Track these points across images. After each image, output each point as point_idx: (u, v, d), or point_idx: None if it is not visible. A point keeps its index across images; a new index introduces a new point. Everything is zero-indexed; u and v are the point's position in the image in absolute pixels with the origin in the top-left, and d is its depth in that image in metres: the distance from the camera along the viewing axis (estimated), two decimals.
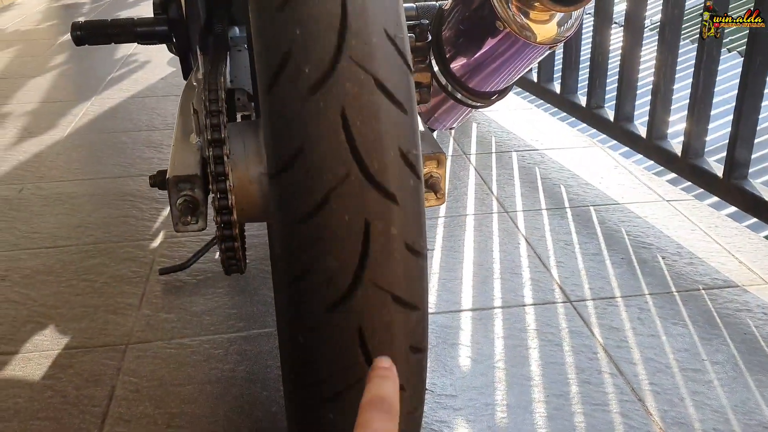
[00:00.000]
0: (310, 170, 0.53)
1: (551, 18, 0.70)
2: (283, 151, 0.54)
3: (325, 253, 0.54)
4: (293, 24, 0.53)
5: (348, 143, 0.53)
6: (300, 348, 0.58)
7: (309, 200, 0.54)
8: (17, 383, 1.09)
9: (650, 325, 1.20)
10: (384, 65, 0.54)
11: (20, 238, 1.52)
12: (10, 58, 3.08)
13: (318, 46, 0.53)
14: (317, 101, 0.53)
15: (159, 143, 2.04)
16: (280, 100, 0.54)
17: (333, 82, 0.53)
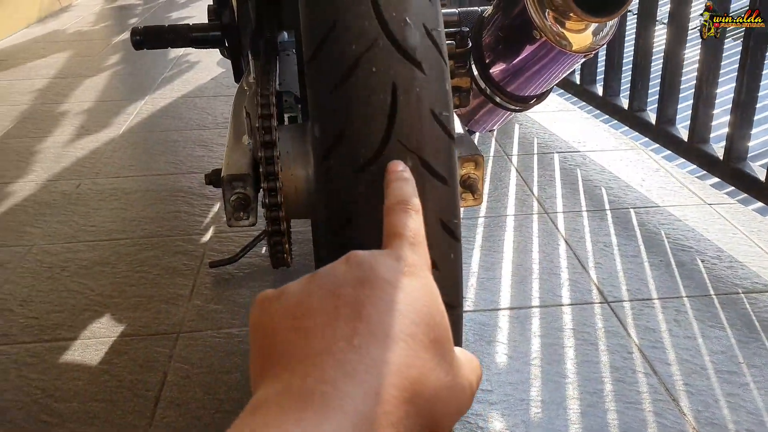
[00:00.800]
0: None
1: (586, 27, 0.73)
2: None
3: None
4: None
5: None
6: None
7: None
8: (76, 367, 1.15)
9: (687, 327, 1.21)
10: None
11: (78, 231, 1.60)
12: (67, 58, 3.21)
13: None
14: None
15: (209, 142, 2.11)
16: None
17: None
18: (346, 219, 0.55)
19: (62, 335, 1.23)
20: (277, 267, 0.80)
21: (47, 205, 1.73)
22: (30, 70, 3.01)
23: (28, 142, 2.16)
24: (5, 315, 1.29)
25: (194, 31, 1.18)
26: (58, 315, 1.29)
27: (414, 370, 0.35)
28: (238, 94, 1.03)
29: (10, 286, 1.38)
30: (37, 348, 1.20)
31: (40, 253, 1.50)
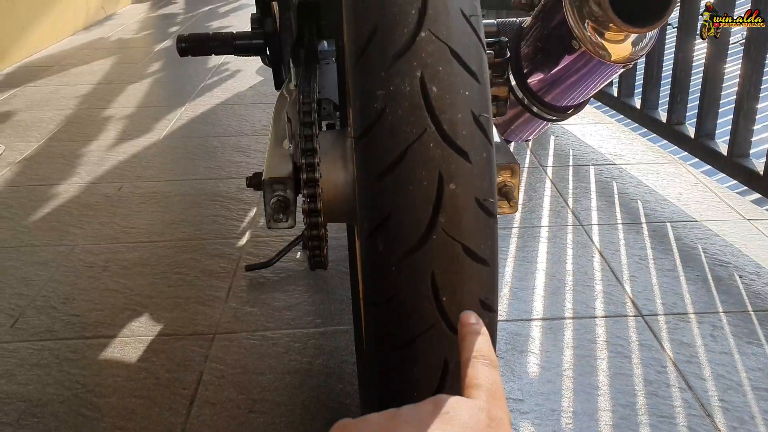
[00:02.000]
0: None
1: (626, 38, 0.73)
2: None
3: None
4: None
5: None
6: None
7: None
8: (115, 364, 1.18)
9: (723, 343, 1.20)
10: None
11: (119, 233, 1.64)
12: (111, 65, 3.29)
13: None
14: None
15: (247, 148, 2.15)
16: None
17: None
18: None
19: (102, 333, 1.26)
20: (315, 269, 0.82)
21: (90, 207, 1.78)
22: (75, 76, 3.10)
23: (72, 146, 2.22)
24: (48, 312, 1.33)
25: (237, 39, 1.21)
26: (98, 313, 1.32)
27: None
28: (278, 100, 1.05)
29: (54, 284, 1.42)
30: (78, 344, 1.23)
31: (82, 253, 1.54)
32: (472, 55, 0.57)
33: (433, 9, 0.56)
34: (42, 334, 1.26)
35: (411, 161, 0.55)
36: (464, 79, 0.56)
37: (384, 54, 0.55)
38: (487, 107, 0.58)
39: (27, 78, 3.08)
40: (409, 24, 0.55)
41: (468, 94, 0.56)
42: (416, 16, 0.55)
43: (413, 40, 0.55)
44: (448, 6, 0.56)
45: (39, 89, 2.90)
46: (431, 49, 0.55)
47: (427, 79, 0.55)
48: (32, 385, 1.13)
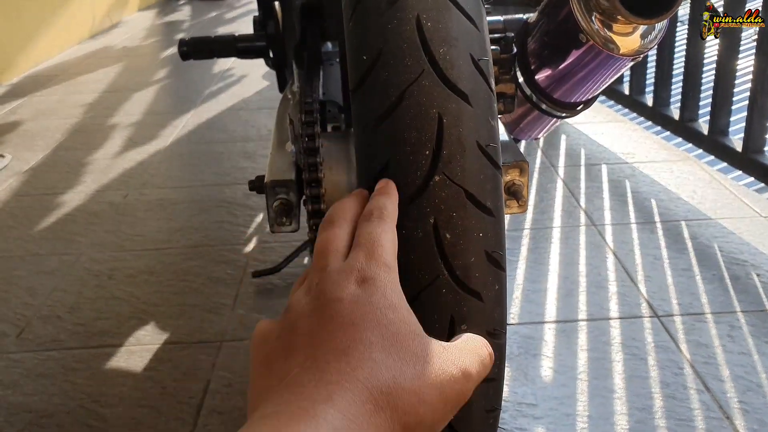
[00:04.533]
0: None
1: (634, 30, 0.70)
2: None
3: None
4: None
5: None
6: None
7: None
8: (122, 373, 1.17)
9: (741, 343, 1.17)
10: None
11: (125, 240, 1.62)
12: (118, 73, 3.29)
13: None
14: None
15: (253, 153, 2.13)
16: None
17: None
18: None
19: (108, 342, 1.25)
20: None
21: (96, 215, 1.76)
22: (81, 85, 3.10)
23: (78, 155, 2.21)
24: (54, 321, 1.31)
25: (240, 42, 1.19)
26: (104, 322, 1.31)
27: (372, 374, 0.37)
28: (282, 103, 1.03)
29: (59, 293, 1.41)
30: (84, 354, 1.22)
31: (88, 262, 1.53)
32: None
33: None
34: (47, 344, 1.25)
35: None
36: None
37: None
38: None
39: (33, 88, 3.08)
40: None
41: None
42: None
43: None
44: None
45: (45, 99, 2.90)
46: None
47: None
48: (38, 396, 1.12)
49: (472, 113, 0.53)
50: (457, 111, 0.52)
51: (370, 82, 0.53)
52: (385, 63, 0.53)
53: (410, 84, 0.52)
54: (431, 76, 0.52)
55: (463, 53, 0.54)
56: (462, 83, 0.53)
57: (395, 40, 0.53)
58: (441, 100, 0.52)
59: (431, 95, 0.52)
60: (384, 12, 0.54)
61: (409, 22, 0.53)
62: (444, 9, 0.55)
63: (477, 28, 0.56)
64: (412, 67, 0.52)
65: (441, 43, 0.53)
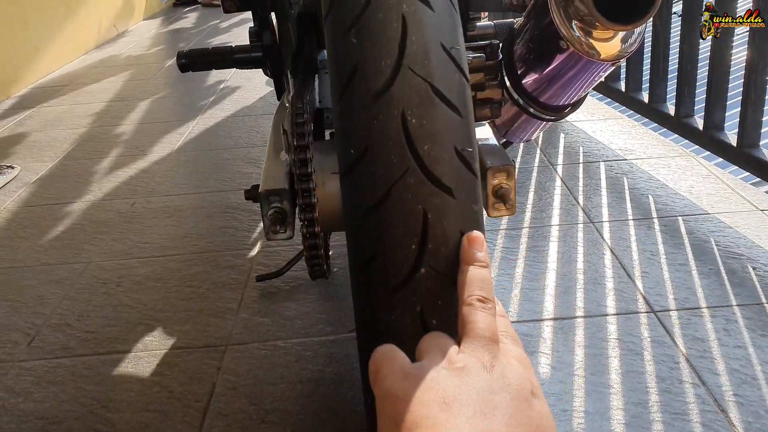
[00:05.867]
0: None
1: (614, 35, 0.73)
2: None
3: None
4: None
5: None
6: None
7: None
8: (129, 379, 1.20)
9: (737, 337, 1.18)
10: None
11: (132, 248, 1.65)
12: (124, 82, 3.33)
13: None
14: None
15: (257, 159, 2.16)
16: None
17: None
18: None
19: (116, 348, 1.28)
20: (315, 279, 0.82)
21: (104, 224, 1.80)
22: (88, 95, 3.14)
23: (86, 164, 2.25)
24: (63, 329, 1.35)
25: (237, 53, 1.22)
26: (112, 329, 1.34)
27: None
28: (278, 112, 1.06)
29: (69, 301, 1.44)
30: (93, 360, 1.25)
31: (96, 270, 1.56)
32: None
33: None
34: (57, 352, 1.28)
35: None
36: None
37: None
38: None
39: (41, 99, 3.13)
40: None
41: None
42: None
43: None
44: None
45: (53, 109, 2.95)
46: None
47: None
48: (48, 403, 1.15)
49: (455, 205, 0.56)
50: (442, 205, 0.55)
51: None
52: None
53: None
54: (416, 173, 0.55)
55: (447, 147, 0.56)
56: (446, 178, 0.55)
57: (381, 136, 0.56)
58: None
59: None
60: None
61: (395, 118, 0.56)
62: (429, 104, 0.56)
63: (461, 116, 0.58)
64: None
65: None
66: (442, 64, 0.56)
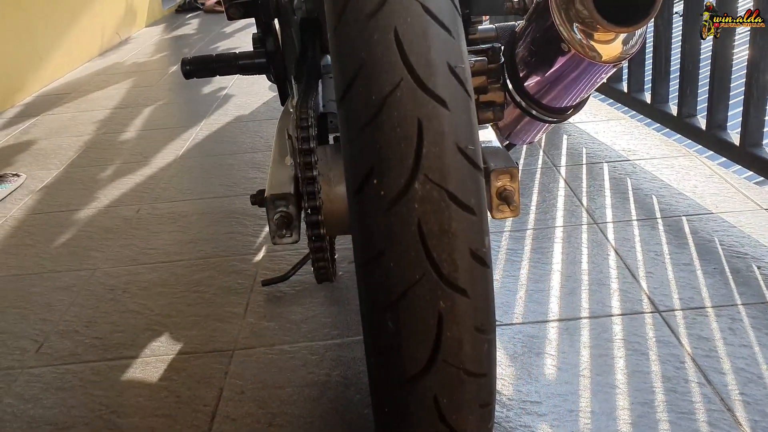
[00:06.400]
0: None
1: (615, 37, 0.73)
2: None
3: None
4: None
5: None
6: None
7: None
8: (137, 384, 1.21)
9: (742, 336, 1.19)
10: None
11: (138, 254, 1.66)
12: (128, 89, 3.35)
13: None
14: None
15: (261, 164, 2.17)
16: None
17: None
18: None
19: (124, 354, 1.29)
20: (321, 282, 0.83)
21: (110, 231, 1.81)
22: (92, 102, 3.16)
23: (91, 171, 2.26)
24: (71, 336, 1.36)
25: (240, 59, 1.23)
26: (120, 335, 1.35)
27: None
28: (282, 117, 1.07)
29: (76, 308, 1.45)
30: (101, 366, 1.26)
31: (103, 276, 1.57)
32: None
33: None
34: (66, 358, 1.29)
35: None
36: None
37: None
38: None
39: (45, 107, 3.14)
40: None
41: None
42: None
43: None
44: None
45: (57, 117, 2.96)
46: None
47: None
48: (57, 409, 1.16)
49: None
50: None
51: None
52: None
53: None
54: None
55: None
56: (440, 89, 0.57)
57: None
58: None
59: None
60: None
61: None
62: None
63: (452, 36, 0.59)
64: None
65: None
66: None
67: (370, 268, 0.59)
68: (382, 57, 0.57)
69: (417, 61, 0.56)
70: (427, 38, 0.57)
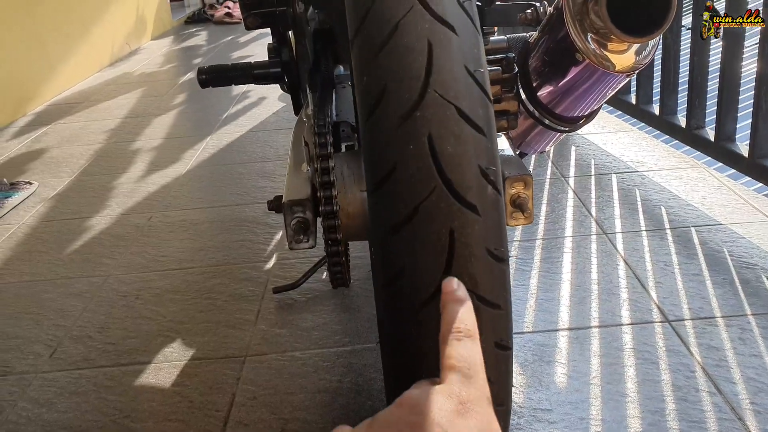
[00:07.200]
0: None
1: (628, 48, 0.75)
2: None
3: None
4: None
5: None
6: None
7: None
8: (151, 389, 1.22)
9: (752, 345, 1.19)
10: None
11: (151, 261, 1.68)
12: (137, 99, 3.37)
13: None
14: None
15: (271, 173, 2.19)
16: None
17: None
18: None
19: (137, 359, 1.30)
20: (337, 287, 0.84)
21: (121, 238, 1.82)
22: (103, 112, 3.18)
23: (103, 179, 2.28)
24: (85, 341, 1.37)
25: (255, 69, 1.25)
26: (133, 340, 1.36)
27: None
28: (297, 125, 1.08)
29: (89, 314, 1.47)
30: (115, 371, 1.27)
31: (115, 283, 1.59)
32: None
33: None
34: (79, 363, 1.30)
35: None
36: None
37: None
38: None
39: (57, 115, 3.17)
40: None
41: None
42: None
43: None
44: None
45: (69, 126, 2.99)
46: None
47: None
48: (71, 413, 1.17)
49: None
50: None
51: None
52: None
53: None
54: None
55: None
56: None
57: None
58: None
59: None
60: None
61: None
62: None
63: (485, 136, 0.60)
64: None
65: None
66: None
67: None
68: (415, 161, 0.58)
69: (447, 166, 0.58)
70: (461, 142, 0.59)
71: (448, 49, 0.58)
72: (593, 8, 0.71)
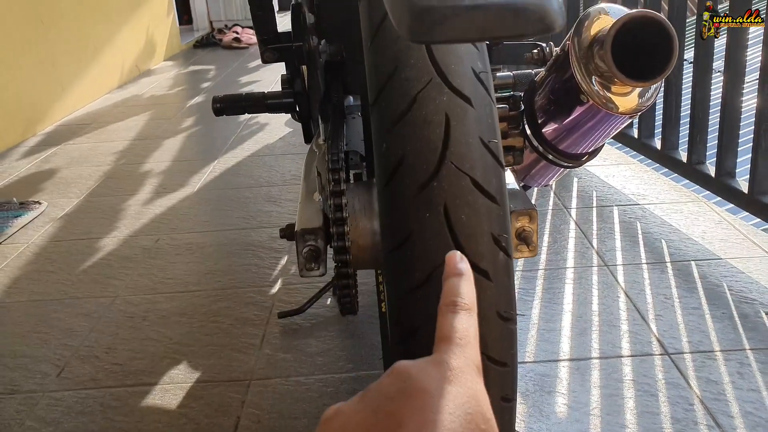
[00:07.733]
0: None
1: (632, 91, 0.78)
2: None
3: None
4: None
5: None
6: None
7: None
8: (156, 411, 1.23)
9: (750, 380, 1.21)
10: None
11: (157, 283, 1.70)
12: (146, 121, 3.42)
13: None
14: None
15: (277, 198, 2.22)
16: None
17: None
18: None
19: (144, 380, 1.32)
20: (345, 314, 0.86)
21: (129, 259, 1.85)
22: (112, 133, 3.23)
23: (111, 201, 2.31)
24: (92, 361, 1.39)
25: (269, 99, 1.29)
26: (139, 361, 1.38)
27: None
28: (309, 155, 1.12)
29: (96, 334, 1.49)
30: (121, 392, 1.29)
31: (123, 304, 1.61)
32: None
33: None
34: (86, 383, 1.32)
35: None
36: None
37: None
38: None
39: (66, 136, 3.21)
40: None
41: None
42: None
43: None
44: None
45: (78, 147, 3.03)
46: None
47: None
48: None
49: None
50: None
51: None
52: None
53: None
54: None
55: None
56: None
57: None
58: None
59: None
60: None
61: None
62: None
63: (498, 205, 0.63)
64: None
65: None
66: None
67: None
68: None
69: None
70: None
71: (465, 122, 0.61)
72: (598, 53, 0.74)
